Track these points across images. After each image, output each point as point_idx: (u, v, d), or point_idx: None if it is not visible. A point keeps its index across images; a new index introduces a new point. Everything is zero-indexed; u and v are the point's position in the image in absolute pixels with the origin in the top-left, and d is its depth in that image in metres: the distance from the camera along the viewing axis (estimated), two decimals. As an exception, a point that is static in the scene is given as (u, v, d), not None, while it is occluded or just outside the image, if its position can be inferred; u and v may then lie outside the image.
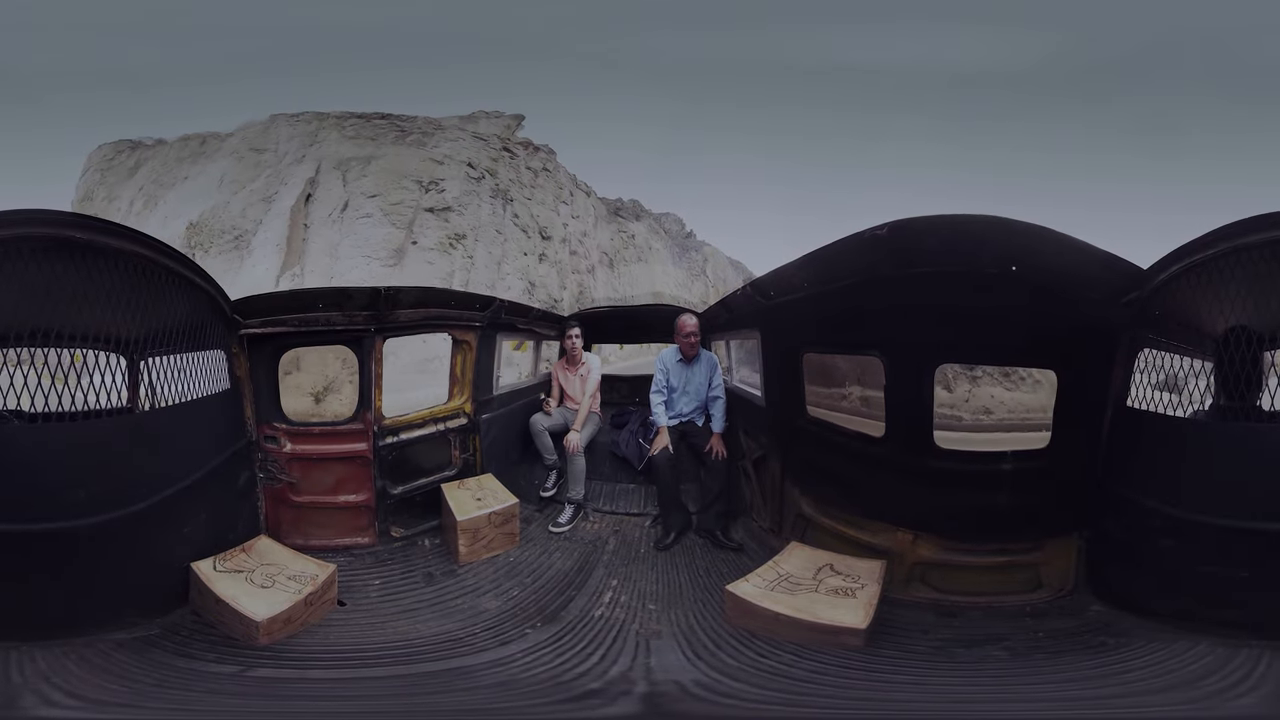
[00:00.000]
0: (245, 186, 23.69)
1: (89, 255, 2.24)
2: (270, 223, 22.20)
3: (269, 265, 20.92)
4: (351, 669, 2.38)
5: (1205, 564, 2.22)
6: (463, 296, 4.18)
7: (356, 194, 22.85)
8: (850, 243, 2.58)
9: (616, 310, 6.87)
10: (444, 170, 24.43)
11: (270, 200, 22.95)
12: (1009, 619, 2.67)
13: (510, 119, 29.26)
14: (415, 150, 24.99)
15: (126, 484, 2.40)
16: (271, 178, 23.78)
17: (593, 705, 2.15)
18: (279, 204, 22.68)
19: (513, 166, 27.41)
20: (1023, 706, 2.08)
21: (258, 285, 17.91)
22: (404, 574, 3.38)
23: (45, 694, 1.89)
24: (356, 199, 22.74)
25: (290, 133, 25.49)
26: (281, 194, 23.07)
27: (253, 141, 25.69)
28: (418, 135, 25.71)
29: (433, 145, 25.36)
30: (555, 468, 4.60)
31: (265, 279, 19.90)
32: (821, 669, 2.30)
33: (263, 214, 22.55)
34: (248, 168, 24.59)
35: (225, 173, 24.52)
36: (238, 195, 23.39)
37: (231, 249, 22.03)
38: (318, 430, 3.68)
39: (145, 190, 26.31)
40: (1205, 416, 2.52)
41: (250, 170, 24.45)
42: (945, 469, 2.82)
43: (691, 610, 2.91)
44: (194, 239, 22.26)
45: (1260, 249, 2.14)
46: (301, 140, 25.08)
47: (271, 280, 20.06)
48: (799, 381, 3.47)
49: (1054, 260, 2.40)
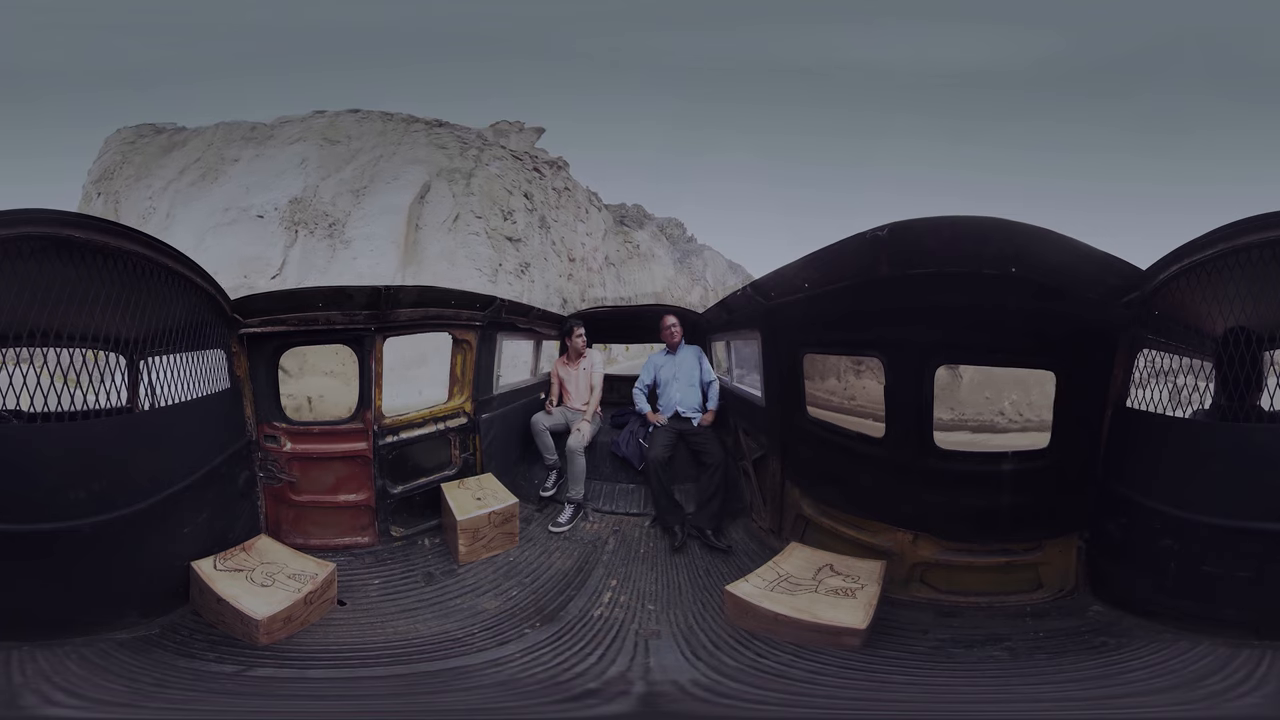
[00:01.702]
0: (331, 175, 24.26)
1: (88, 255, 2.24)
2: (375, 218, 22.76)
3: (384, 261, 21.47)
4: (351, 668, 2.39)
5: (1205, 564, 2.22)
6: (463, 296, 4.18)
7: (465, 210, 24.26)
8: (850, 243, 2.58)
9: (617, 310, 6.91)
10: (513, 201, 26.24)
11: (360, 194, 23.48)
12: (1009, 619, 2.66)
13: (532, 131, 30.49)
14: (495, 174, 26.50)
15: (126, 484, 2.40)
16: (360, 172, 24.32)
17: (591, 705, 2.15)
18: (383, 200, 23.30)
19: (542, 188, 28.74)
20: (1023, 707, 2.07)
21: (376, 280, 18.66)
22: (404, 573, 3.38)
23: (46, 693, 1.89)
24: (466, 215, 24.15)
25: (359, 129, 26.24)
26: (378, 190, 23.66)
27: (325, 132, 26.35)
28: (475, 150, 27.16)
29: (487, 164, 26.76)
30: (555, 467, 4.61)
31: (384, 275, 20.55)
32: (821, 669, 2.30)
33: (352, 205, 23.16)
34: (330, 157, 25.24)
35: (307, 157, 25.14)
36: (326, 181, 24.02)
37: (325, 236, 22.65)
38: (318, 430, 3.68)
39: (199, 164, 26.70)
40: (1205, 416, 2.52)
41: (332, 160, 25.03)
42: (945, 469, 2.82)
43: (690, 610, 2.91)
44: (297, 215, 22.86)
45: (1259, 249, 2.13)
46: (381, 138, 25.83)
47: (390, 276, 20.81)
48: (799, 382, 3.47)
49: (1053, 261, 2.40)
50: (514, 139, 29.07)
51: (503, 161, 26.93)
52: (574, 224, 30.44)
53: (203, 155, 26.38)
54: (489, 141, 27.76)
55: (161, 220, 23.78)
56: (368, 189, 23.62)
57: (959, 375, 9.27)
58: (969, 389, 9.37)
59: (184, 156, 26.82)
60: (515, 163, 27.73)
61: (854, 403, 9.15)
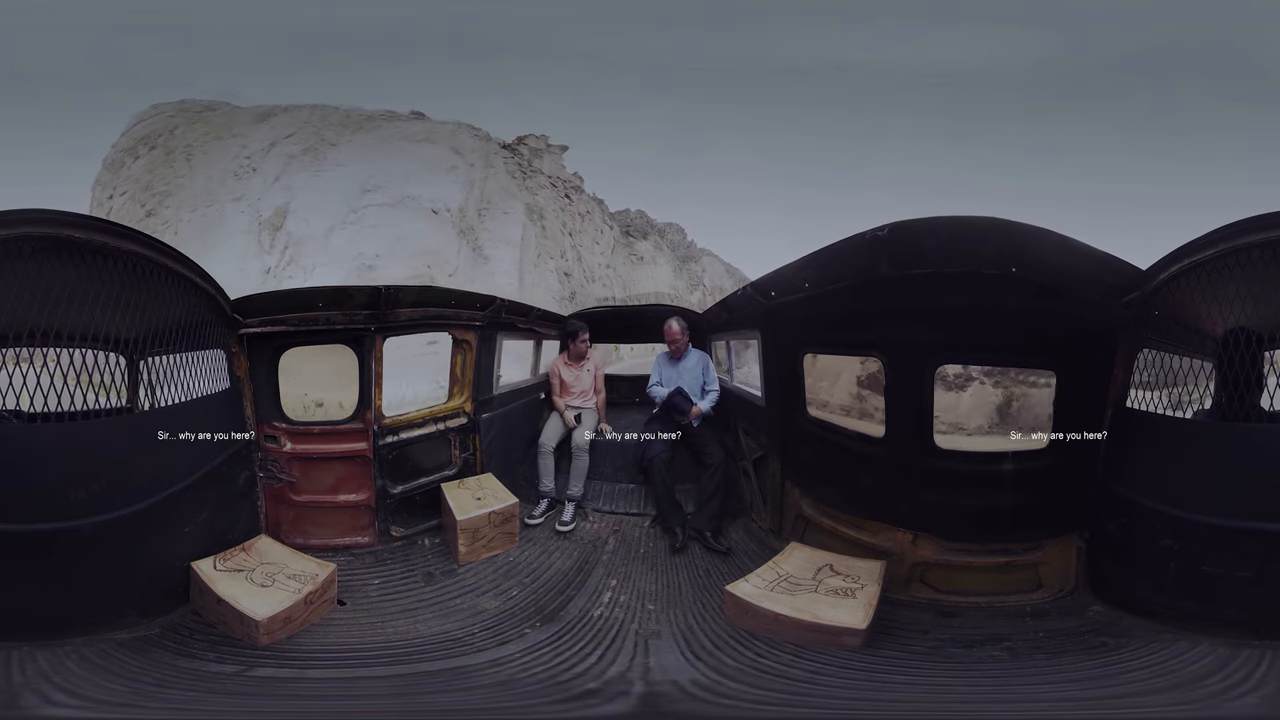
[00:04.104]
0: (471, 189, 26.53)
1: (88, 255, 2.25)
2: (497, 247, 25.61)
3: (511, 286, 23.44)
4: (351, 668, 2.39)
5: (1205, 564, 2.22)
6: (463, 296, 4.17)
7: (543, 252, 27.40)
8: (850, 244, 2.58)
9: (617, 310, 6.91)
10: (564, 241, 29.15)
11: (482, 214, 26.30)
12: (1009, 619, 2.66)
13: (557, 149, 32.16)
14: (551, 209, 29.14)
15: (126, 484, 2.40)
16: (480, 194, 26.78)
17: (591, 705, 2.15)
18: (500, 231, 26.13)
19: (571, 214, 30.48)
20: (1023, 707, 2.08)
21: (499, 284, 21.08)
22: (404, 573, 3.38)
23: (46, 693, 1.89)
24: (544, 256, 27.24)
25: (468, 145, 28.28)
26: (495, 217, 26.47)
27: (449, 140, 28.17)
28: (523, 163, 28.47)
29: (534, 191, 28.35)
30: (548, 495, 4.46)
31: (506, 282, 23.02)
32: (821, 669, 2.30)
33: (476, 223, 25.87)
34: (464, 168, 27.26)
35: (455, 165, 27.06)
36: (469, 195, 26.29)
37: (473, 247, 25.34)
38: (317, 430, 3.68)
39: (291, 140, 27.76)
40: (1205, 417, 2.52)
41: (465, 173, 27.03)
42: (945, 469, 2.82)
43: (690, 610, 2.91)
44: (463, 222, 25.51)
45: (1259, 249, 2.13)
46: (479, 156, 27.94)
47: (514, 280, 23.54)
48: (799, 382, 3.47)
49: (1053, 261, 2.40)
50: (547, 161, 31.01)
51: (546, 191, 29.15)
52: (592, 245, 32.52)
53: (297, 132, 27.87)
54: (533, 168, 29.74)
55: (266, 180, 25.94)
56: (487, 212, 26.28)
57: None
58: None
59: (270, 131, 28.20)
60: (553, 191, 29.35)
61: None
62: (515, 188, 27.79)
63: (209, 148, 27.45)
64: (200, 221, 25.17)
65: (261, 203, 25.48)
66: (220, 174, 26.18)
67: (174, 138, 28.39)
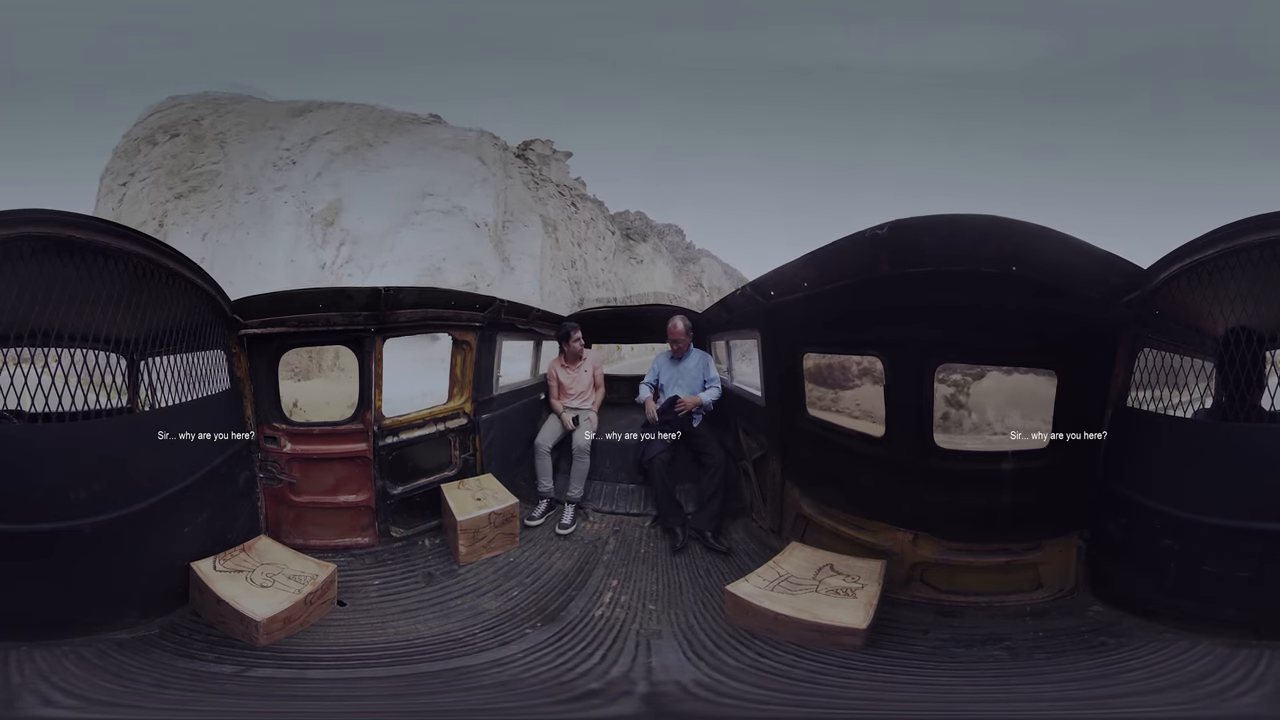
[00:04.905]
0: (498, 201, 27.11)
1: (89, 255, 2.24)
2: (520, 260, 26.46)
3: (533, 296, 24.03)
4: (351, 669, 2.38)
5: (1205, 564, 2.22)
6: (463, 296, 4.17)
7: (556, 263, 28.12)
8: (850, 243, 2.57)
9: (617, 310, 6.90)
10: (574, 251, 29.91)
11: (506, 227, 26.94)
12: (1009, 619, 2.66)
13: (562, 155, 32.84)
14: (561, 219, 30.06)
15: (126, 484, 2.40)
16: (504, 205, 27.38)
17: (593, 705, 2.15)
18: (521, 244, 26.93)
19: (577, 222, 31.05)
20: (1023, 706, 2.08)
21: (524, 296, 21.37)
22: (404, 574, 3.38)
23: (44, 694, 1.89)
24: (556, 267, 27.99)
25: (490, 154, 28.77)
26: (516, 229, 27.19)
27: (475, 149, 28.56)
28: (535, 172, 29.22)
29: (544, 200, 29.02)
30: (547, 497, 4.46)
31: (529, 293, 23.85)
32: (822, 669, 2.30)
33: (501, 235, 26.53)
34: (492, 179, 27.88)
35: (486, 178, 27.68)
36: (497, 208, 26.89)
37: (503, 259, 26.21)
38: (318, 430, 3.67)
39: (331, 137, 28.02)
40: (1206, 416, 2.52)
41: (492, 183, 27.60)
42: (945, 469, 2.82)
43: (692, 610, 2.90)
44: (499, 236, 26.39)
45: (1260, 249, 2.14)
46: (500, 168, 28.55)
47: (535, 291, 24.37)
48: (799, 381, 3.47)
49: (1054, 260, 2.40)
50: (554, 168, 31.88)
51: (555, 200, 29.61)
52: (595, 251, 33.31)
53: (338, 129, 28.17)
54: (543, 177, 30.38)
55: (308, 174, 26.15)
56: (510, 224, 26.99)
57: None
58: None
59: (309, 126, 28.47)
60: (561, 200, 29.84)
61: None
62: (530, 199, 28.43)
63: (244, 137, 27.59)
64: (247, 207, 25.21)
65: (308, 196, 25.56)
66: (259, 163, 26.32)
67: (201, 126, 28.58)
